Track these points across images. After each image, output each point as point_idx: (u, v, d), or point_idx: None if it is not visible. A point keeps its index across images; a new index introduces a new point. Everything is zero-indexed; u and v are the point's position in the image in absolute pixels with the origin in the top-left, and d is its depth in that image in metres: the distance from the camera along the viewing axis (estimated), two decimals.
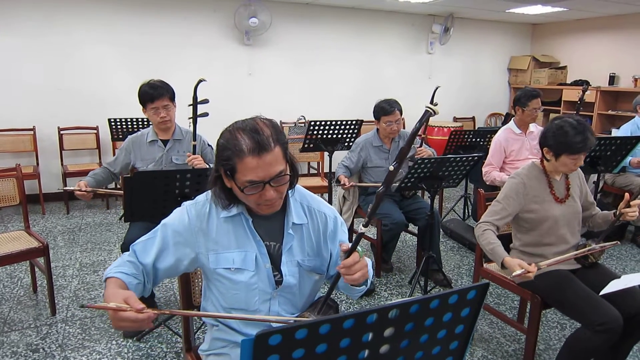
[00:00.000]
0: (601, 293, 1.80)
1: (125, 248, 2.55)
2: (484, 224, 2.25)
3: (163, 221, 1.44)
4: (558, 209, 2.23)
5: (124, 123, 4.86)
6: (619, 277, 1.94)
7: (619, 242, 2.31)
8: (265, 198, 1.29)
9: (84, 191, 2.57)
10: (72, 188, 2.58)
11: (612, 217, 2.23)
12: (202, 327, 2.67)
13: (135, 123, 4.86)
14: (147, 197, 2.30)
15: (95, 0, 5.09)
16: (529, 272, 1.94)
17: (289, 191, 1.41)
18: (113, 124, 4.86)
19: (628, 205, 2.14)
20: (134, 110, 5.05)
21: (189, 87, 2.80)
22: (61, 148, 5.13)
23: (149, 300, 2.76)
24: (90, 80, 5.23)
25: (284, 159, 1.29)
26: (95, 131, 5.27)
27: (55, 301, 2.93)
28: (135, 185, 2.27)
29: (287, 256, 1.43)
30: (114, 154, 5.26)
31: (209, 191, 1.42)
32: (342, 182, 3.34)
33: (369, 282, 1.44)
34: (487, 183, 3.77)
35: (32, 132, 5.02)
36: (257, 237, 1.41)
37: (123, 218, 2.45)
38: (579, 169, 2.35)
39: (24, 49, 4.94)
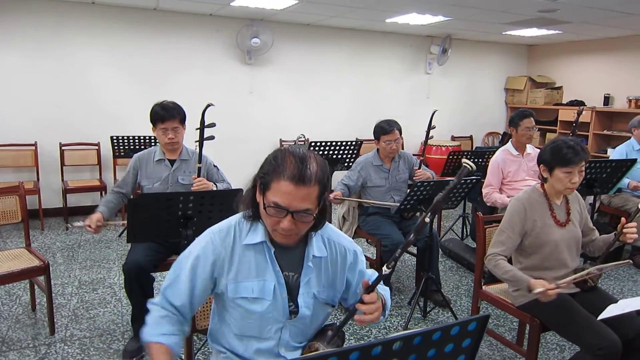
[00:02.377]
0: (599, 318, 1.83)
1: (128, 269, 2.55)
2: (493, 256, 2.26)
3: (188, 253, 1.44)
4: (559, 233, 2.25)
5: (126, 140, 4.90)
6: (617, 301, 1.96)
7: (631, 261, 2.31)
8: (281, 226, 1.31)
9: (97, 227, 2.56)
10: (80, 224, 2.59)
11: (613, 237, 2.26)
12: (202, 348, 2.67)
13: (137, 141, 4.90)
14: (150, 219, 2.32)
15: (99, 19, 5.18)
16: (549, 290, 1.97)
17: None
18: (115, 141, 4.90)
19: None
20: (136, 127, 5.14)
21: (191, 105, 2.86)
22: (62, 163, 5.16)
23: None
24: (93, 97, 5.29)
25: (316, 199, 1.31)
26: (96, 147, 5.31)
27: (54, 320, 2.92)
28: (139, 207, 2.30)
29: (304, 288, 1.44)
30: (114, 171, 5.30)
31: (232, 217, 1.45)
32: (333, 194, 3.35)
33: (386, 313, 1.48)
34: (488, 204, 3.80)
35: (33, 148, 5.05)
36: (277, 267, 1.42)
37: (126, 238, 2.47)
38: (578, 194, 2.39)
39: (27, 65, 5.00)
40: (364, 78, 6.63)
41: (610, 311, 1.75)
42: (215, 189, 2.75)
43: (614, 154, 4.38)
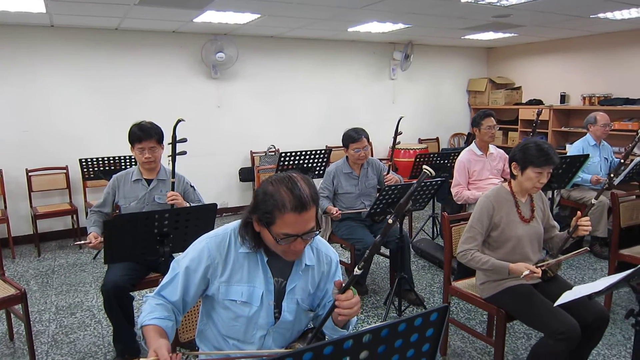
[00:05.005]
0: (556, 304, 1.96)
1: (106, 290, 2.57)
2: (467, 251, 2.38)
3: (184, 256, 1.54)
4: (522, 229, 2.40)
5: (95, 162, 4.87)
6: (572, 288, 2.11)
7: (588, 249, 2.49)
8: (295, 249, 1.42)
9: (97, 243, 2.66)
10: (84, 242, 2.69)
11: (567, 234, 2.42)
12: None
13: (107, 162, 4.88)
14: (127, 239, 2.36)
15: (59, 42, 5.14)
16: (534, 272, 2.13)
17: None
18: (84, 163, 4.86)
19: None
20: (106, 148, 5.12)
21: (159, 122, 2.90)
22: (30, 189, 5.08)
23: (130, 339, 2.77)
24: (58, 121, 5.24)
25: (316, 216, 1.43)
26: (64, 171, 5.25)
27: (34, 347, 2.90)
28: (115, 228, 2.34)
29: (289, 294, 1.54)
30: (84, 194, 5.25)
31: (228, 225, 1.54)
32: (333, 213, 3.46)
33: (350, 327, 1.56)
34: (459, 203, 3.95)
35: None
36: (269, 274, 1.52)
37: (102, 260, 2.49)
38: (541, 193, 2.54)
39: None
40: (330, 86, 6.77)
41: (566, 297, 1.89)
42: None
43: (571, 149, 4.62)
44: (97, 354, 2.91)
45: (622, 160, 2.52)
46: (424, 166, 1.39)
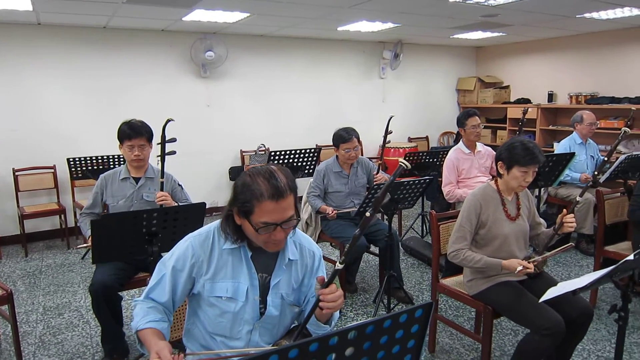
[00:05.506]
0: (541, 300, 1.99)
1: (94, 289, 2.56)
2: (458, 251, 2.40)
3: (169, 256, 1.56)
4: (509, 227, 2.42)
5: (83, 161, 4.84)
6: (557, 284, 2.14)
7: (572, 245, 2.52)
8: (275, 238, 1.44)
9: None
10: (84, 246, 2.69)
11: (553, 231, 2.45)
12: None
13: (96, 161, 4.85)
14: (115, 239, 2.35)
15: (47, 40, 5.10)
16: (527, 267, 2.19)
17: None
18: (72, 163, 4.83)
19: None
20: (94, 147, 5.09)
21: (148, 121, 2.90)
22: (17, 189, 5.02)
23: (119, 339, 2.77)
24: (46, 120, 5.19)
25: (294, 205, 1.45)
26: (52, 170, 5.20)
27: (21, 348, 2.87)
28: (103, 227, 2.33)
29: (274, 289, 1.56)
30: (73, 193, 5.21)
31: (211, 223, 1.56)
32: (328, 213, 3.47)
33: (333, 322, 1.58)
34: (451, 201, 3.98)
35: None
36: (253, 269, 1.54)
37: (90, 260, 2.48)
38: (527, 191, 2.57)
39: None
40: (320, 85, 6.78)
41: (550, 293, 1.92)
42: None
43: (558, 147, 4.67)
44: (85, 355, 2.90)
45: (606, 159, 2.56)
46: (400, 159, 1.41)
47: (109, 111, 5.37)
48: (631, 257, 1.71)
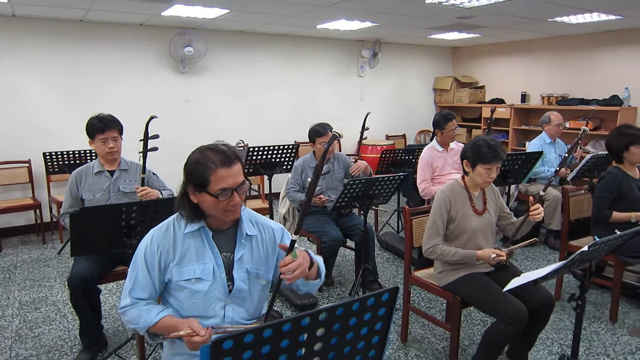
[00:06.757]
0: (504, 290, 2.11)
1: (73, 282, 2.58)
2: (434, 247, 2.50)
3: (138, 253, 1.64)
4: (476, 221, 2.54)
5: (60, 156, 4.79)
6: (520, 275, 2.26)
7: (537, 239, 2.65)
8: (233, 203, 1.55)
9: None
10: None
11: (522, 219, 2.56)
12: (153, 352, 2.74)
13: (73, 156, 4.81)
14: (94, 232, 2.38)
15: (22, 32, 5.02)
16: (500, 255, 2.32)
17: (242, 207, 1.66)
18: (48, 157, 4.78)
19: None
20: (71, 142, 5.04)
21: (125, 115, 2.94)
22: None
23: (97, 331, 2.79)
24: (21, 113, 5.11)
25: (243, 171, 1.60)
26: (27, 165, 5.13)
27: None
28: (82, 221, 2.35)
29: (238, 264, 1.66)
30: (48, 188, 5.15)
31: (171, 216, 1.65)
32: (316, 202, 3.54)
33: (322, 275, 1.73)
34: (426, 198, 4.09)
35: None
36: (216, 249, 1.64)
37: (68, 254, 2.50)
38: (493, 185, 2.69)
39: None
40: (299, 82, 6.84)
41: (514, 283, 2.03)
42: (160, 195, 2.83)
43: (529, 146, 4.85)
44: (64, 347, 2.91)
45: (566, 155, 2.70)
46: (333, 130, 1.64)
47: (86, 105, 5.32)
48: (586, 248, 1.83)
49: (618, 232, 2.05)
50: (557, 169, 2.72)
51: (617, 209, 3.18)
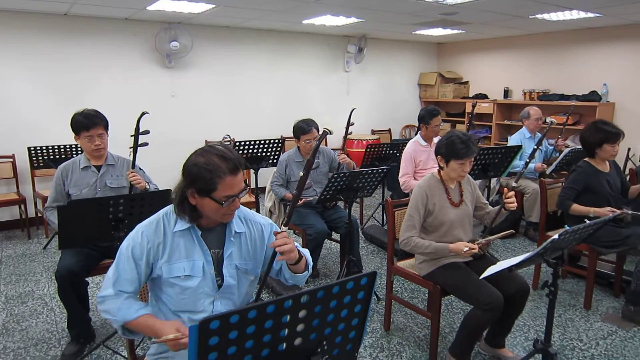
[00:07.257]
0: (481, 277, 2.20)
1: (60, 275, 2.60)
2: (409, 239, 2.58)
3: (125, 246, 1.64)
4: (453, 213, 2.63)
5: (45, 151, 4.78)
6: (496, 263, 2.36)
7: (513, 231, 2.74)
8: (233, 207, 1.62)
9: None
10: None
11: (499, 208, 2.65)
12: (141, 343, 2.78)
13: (58, 150, 4.80)
14: (82, 224, 2.41)
15: (5, 26, 4.98)
16: (472, 248, 2.40)
17: None
18: (33, 152, 4.76)
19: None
20: (56, 137, 5.02)
21: (111, 110, 2.94)
22: None
23: (85, 324, 2.82)
24: (5, 108, 5.07)
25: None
26: (11, 160, 5.10)
27: None
28: (70, 214, 2.38)
29: (227, 260, 1.70)
30: (33, 182, 5.13)
31: (159, 211, 1.68)
32: (302, 201, 3.60)
33: (309, 267, 1.81)
34: (406, 191, 4.18)
35: None
36: (205, 246, 1.67)
37: (58, 245, 2.53)
38: (469, 177, 2.78)
39: None
40: (285, 77, 6.87)
41: (490, 271, 2.12)
42: (148, 187, 2.86)
43: (510, 141, 4.96)
44: (51, 340, 2.94)
45: (535, 147, 2.79)
46: (324, 128, 1.76)
47: (70, 100, 5.30)
48: (556, 236, 1.92)
49: (587, 222, 2.14)
50: (527, 160, 2.80)
51: (587, 203, 3.21)
